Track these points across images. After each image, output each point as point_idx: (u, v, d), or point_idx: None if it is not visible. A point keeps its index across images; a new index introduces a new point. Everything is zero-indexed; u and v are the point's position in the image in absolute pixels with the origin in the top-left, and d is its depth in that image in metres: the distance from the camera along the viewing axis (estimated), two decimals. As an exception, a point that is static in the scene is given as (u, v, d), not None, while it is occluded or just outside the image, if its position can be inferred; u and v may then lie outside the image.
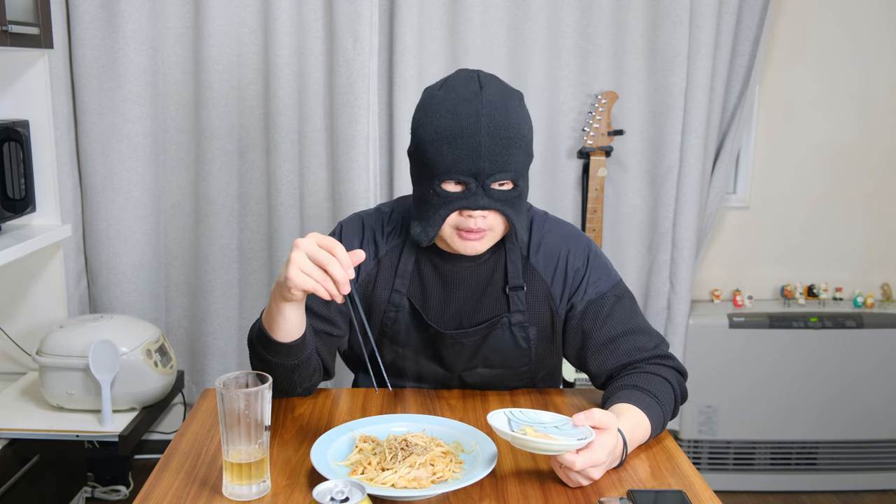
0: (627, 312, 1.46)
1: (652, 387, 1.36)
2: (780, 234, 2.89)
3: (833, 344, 2.73)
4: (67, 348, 2.07)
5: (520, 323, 1.47)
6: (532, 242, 1.47)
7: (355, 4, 2.47)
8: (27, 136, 2.26)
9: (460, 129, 1.29)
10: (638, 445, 1.29)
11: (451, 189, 1.33)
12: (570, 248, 1.48)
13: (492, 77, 1.36)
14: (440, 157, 1.31)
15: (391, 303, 1.47)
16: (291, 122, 2.57)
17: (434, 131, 1.31)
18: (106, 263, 2.59)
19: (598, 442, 1.15)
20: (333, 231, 1.53)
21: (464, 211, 1.34)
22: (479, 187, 1.31)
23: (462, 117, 1.30)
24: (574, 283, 1.46)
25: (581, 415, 1.17)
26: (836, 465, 2.82)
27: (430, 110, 1.33)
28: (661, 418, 1.33)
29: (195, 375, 2.75)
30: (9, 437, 2.07)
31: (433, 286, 1.47)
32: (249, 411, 1.11)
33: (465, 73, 1.37)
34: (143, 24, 2.47)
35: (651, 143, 2.67)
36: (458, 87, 1.33)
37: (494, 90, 1.33)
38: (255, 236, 2.67)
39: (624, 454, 1.23)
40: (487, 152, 1.29)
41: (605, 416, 1.18)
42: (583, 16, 2.56)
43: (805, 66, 2.78)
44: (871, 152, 2.84)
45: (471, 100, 1.30)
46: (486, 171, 1.30)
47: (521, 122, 1.33)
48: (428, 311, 1.48)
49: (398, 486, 1.13)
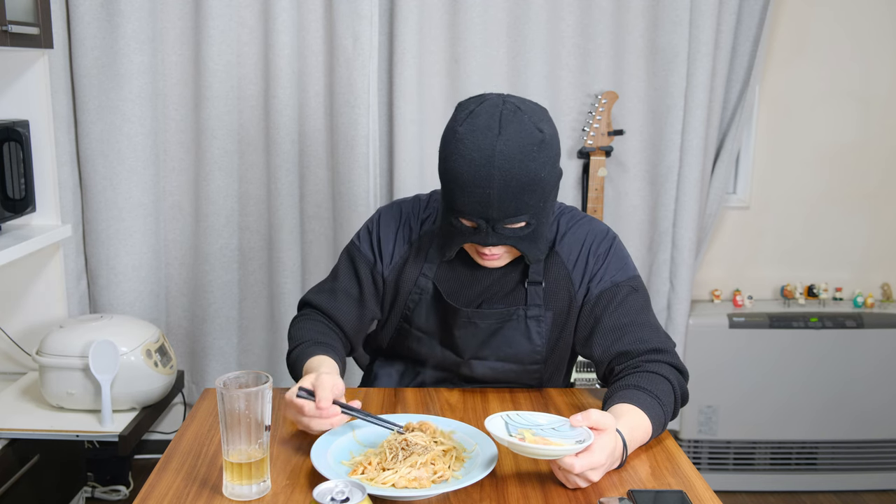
0: (640, 305, 1.48)
1: (653, 387, 1.36)
2: (780, 234, 2.89)
3: (833, 344, 2.73)
4: (67, 348, 2.07)
5: (535, 317, 1.51)
6: (559, 233, 1.52)
7: (355, 4, 2.47)
8: (27, 136, 2.26)
9: (472, 178, 1.33)
10: (639, 446, 1.29)
11: (465, 223, 1.40)
12: (595, 237, 1.53)
13: (514, 114, 1.34)
14: (455, 197, 1.37)
15: (417, 286, 1.54)
16: (291, 122, 2.57)
17: (449, 173, 1.36)
18: (106, 263, 2.59)
19: (597, 444, 1.15)
20: (372, 217, 1.61)
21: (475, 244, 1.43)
22: (489, 227, 1.37)
23: (476, 167, 1.32)
24: (593, 269, 1.50)
25: (579, 416, 1.17)
26: (836, 465, 2.82)
27: (450, 148, 1.36)
28: (661, 419, 1.33)
29: (195, 375, 2.75)
30: (9, 437, 2.07)
31: (458, 269, 1.53)
32: (249, 411, 1.11)
33: (491, 107, 1.35)
34: (143, 24, 2.47)
35: (651, 143, 2.67)
36: (477, 130, 1.33)
37: (512, 135, 1.32)
38: (255, 236, 2.67)
39: (624, 455, 1.23)
40: (497, 201, 1.33)
41: (603, 416, 1.18)
42: (583, 16, 2.56)
43: (805, 65, 2.78)
44: (871, 152, 2.84)
45: (486, 148, 1.32)
46: (495, 217, 1.35)
47: (538, 168, 1.34)
48: (449, 292, 1.53)
49: (398, 486, 1.13)
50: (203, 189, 2.62)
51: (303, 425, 1.29)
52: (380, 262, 1.56)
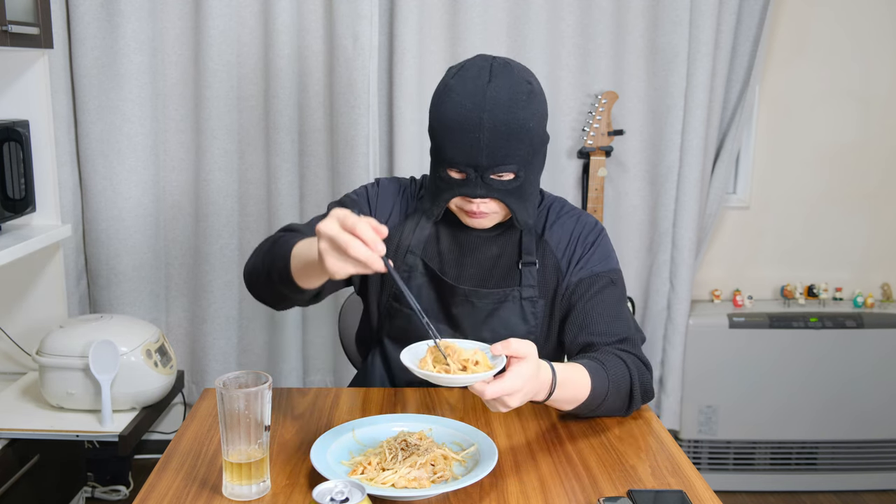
0: (615, 299, 1.50)
1: (605, 360, 1.38)
2: (780, 234, 2.89)
3: (833, 344, 2.73)
4: (67, 348, 2.07)
5: (530, 298, 1.51)
6: (548, 221, 1.53)
7: (355, 4, 2.47)
8: (27, 136, 2.26)
9: (462, 124, 1.35)
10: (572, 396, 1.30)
11: (453, 175, 1.41)
12: (584, 227, 1.54)
13: (505, 66, 1.39)
14: (445, 146, 1.39)
15: (405, 262, 1.53)
16: (291, 122, 2.57)
17: (441, 121, 1.38)
18: (106, 263, 2.59)
19: (513, 370, 1.16)
20: (371, 183, 1.59)
21: (464, 196, 1.42)
22: (478, 177, 1.38)
23: (466, 112, 1.35)
24: (578, 257, 1.51)
25: (498, 345, 1.18)
26: (836, 465, 2.82)
27: (442, 98, 1.39)
28: (605, 386, 1.34)
29: (195, 375, 2.75)
30: (9, 437, 2.07)
31: (449, 250, 1.53)
32: (249, 411, 1.11)
33: (481, 60, 1.40)
34: (143, 24, 2.47)
35: (651, 143, 2.67)
36: (468, 79, 1.37)
37: (502, 84, 1.36)
38: (255, 236, 2.67)
39: (553, 385, 1.24)
40: (487, 147, 1.35)
41: (523, 345, 1.18)
42: (583, 16, 2.56)
43: (805, 65, 2.78)
44: (871, 152, 2.84)
45: (477, 94, 1.35)
46: (484, 164, 1.37)
47: (527, 117, 1.37)
48: (443, 271, 1.53)
49: (398, 486, 1.13)
50: (203, 189, 2.62)
51: (336, 241, 1.08)
52: (374, 217, 1.45)
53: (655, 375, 2.80)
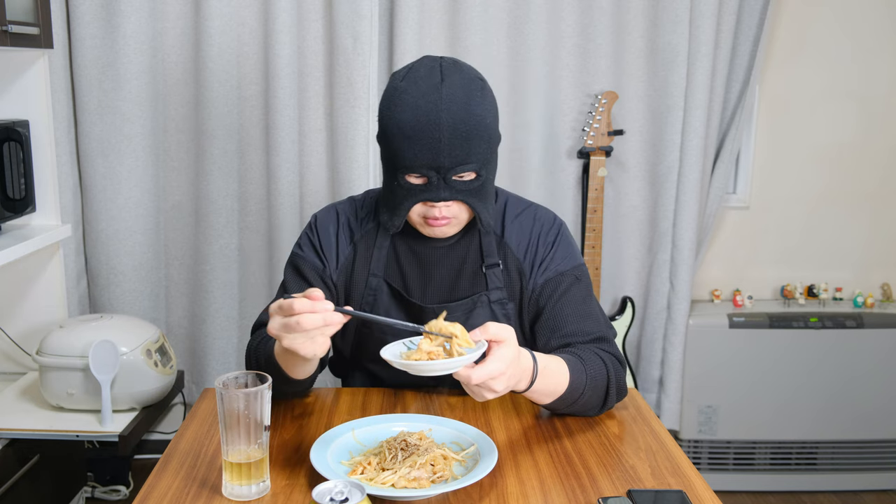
0: (582, 295, 1.49)
1: (583, 356, 1.38)
2: (780, 234, 2.89)
3: (833, 344, 2.73)
4: (67, 348, 2.07)
5: (499, 300, 1.50)
6: (506, 221, 1.51)
7: (355, 4, 2.47)
8: (27, 136, 2.26)
9: (420, 126, 1.32)
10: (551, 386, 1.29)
11: (414, 181, 1.37)
12: (542, 225, 1.52)
13: (454, 65, 1.37)
14: (402, 151, 1.34)
15: (368, 286, 1.50)
16: (291, 122, 2.57)
17: (396, 126, 1.34)
18: (106, 263, 2.59)
19: (494, 354, 1.15)
20: (309, 224, 1.56)
21: (427, 202, 1.38)
22: (440, 180, 1.35)
23: (422, 113, 1.32)
24: (541, 258, 1.50)
25: (477, 330, 1.17)
26: (836, 465, 2.82)
27: (393, 102, 1.35)
28: (583, 381, 1.34)
29: (195, 375, 2.75)
30: (9, 437, 2.07)
31: (410, 267, 1.50)
32: (249, 411, 1.11)
33: (429, 61, 1.38)
34: (143, 24, 2.47)
35: (651, 143, 2.67)
36: (420, 80, 1.34)
37: (456, 82, 1.34)
38: (255, 236, 2.67)
39: (535, 372, 1.24)
40: (447, 147, 1.33)
41: (501, 328, 1.17)
42: (583, 16, 2.56)
43: (805, 65, 2.78)
44: (871, 152, 2.84)
45: (431, 94, 1.32)
46: (446, 165, 1.34)
47: (483, 113, 1.35)
48: (408, 290, 1.50)
49: (398, 486, 1.13)
50: (203, 189, 2.62)
51: (290, 329, 1.11)
52: (327, 266, 1.50)
53: (655, 375, 2.80)
